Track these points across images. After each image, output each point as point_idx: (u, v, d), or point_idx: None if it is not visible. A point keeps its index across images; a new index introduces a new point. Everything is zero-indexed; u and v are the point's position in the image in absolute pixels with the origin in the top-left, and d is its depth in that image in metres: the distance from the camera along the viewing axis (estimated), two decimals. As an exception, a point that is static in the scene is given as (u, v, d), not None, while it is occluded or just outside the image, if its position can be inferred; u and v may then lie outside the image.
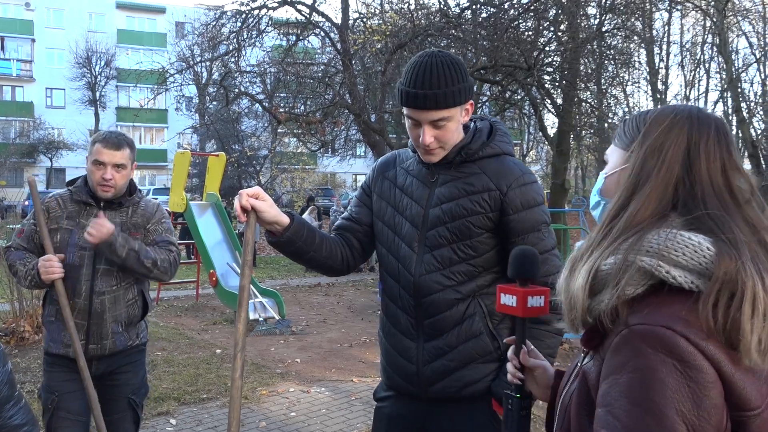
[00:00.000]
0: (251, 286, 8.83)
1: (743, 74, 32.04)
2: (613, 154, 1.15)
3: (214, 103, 18.59)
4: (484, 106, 15.58)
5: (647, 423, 0.89)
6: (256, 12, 12.57)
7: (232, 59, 13.04)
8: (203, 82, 19.49)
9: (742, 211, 0.99)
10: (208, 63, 15.36)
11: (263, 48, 13.91)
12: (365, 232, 2.00)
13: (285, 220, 1.78)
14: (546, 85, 14.25)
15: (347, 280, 12.83)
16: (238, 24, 12.59)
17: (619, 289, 0.95)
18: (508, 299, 1.34)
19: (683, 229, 0.96)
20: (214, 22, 12.96)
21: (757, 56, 34.04)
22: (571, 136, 16.14)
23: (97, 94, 38.37)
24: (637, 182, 1.03)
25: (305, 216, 16.04)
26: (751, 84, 35.17)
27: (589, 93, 16.17)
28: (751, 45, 33.44)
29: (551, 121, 20.94)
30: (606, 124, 18.22)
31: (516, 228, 1.78)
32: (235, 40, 12.59)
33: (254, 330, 8.06)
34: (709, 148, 1.01)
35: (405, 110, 1.78)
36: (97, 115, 38.00)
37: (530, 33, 12.70)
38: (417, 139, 1.78)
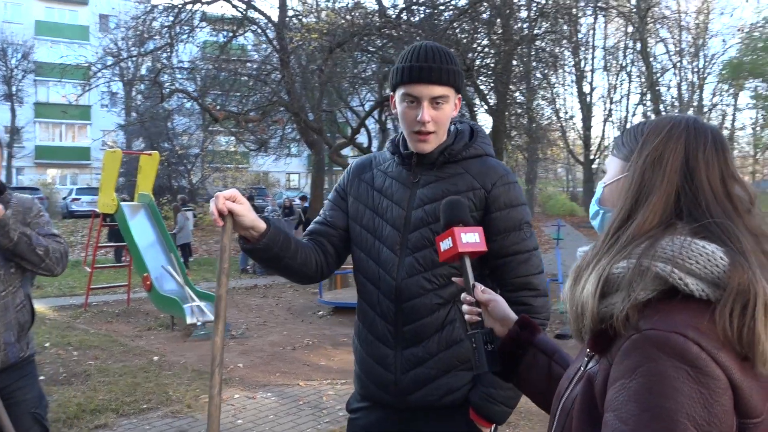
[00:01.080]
0: (187, 287, 8.58)
1: (661, 78, 33.79)
2: (612, 165, 1.15)
3: (140, 98, 17.91)
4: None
5: (657, 428, 0.88)
6: (189, 7, 12.22)
7: (164, 55, 12.60)
8: (131, 77, 18.78)
9: (745, 220, 1.01)
10: (137, 58, 14.77)
11: (197, 44, 13.52)
12: (340, 236, 1.93)
13: (262, 225, 1.70)
14: (481, 86, 14.52)
15: (285, 281, 12.64)
16: (171, 18, 12.18)
17: (634, 293, 0.95)
18: (445, 244, 1.39)
19: (694, 237, 0.97)
20: (144, 16, 12.49)
21: (674, 62, 35.96)
22: (505, 135, 16.51)
23: (14, 88, 36.24)
24: (639, 192, 1.03)
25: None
26: (668, 88, 37.18)
27: (518, 94, 16.58)
28: (668, 51, 35.31)
29: (485, 122, 21.36)
30: (534, 125, 18.83)
31: (498, 226, 1.76)
32: (167, 35, 12.17)
33: (193, 335, 7.82)
34: (707, 157, 1.03)
35: (402, 90, 1.74)
36: (13, 110, 35.86)
37: (466, 35, 12.89)
38: (413, 120, 1.73)
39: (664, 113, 30.02)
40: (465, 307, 1.38)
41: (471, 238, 1.38)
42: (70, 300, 10.74)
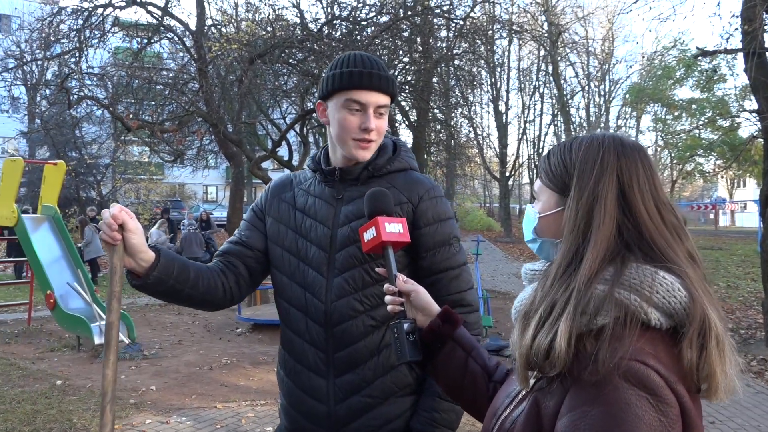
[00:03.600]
0: (95, 306, 8.09)
1: (571, 100, 35.53)
2: (544, 194, 1.15)
3: (45, 105, 16.90)
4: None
5: None
6: (100, 11, 11.68)
7: (72, 59, 11.96)
8: (34, 81, 17.69)
9: (684, 246, 1.03)
10: (42, 62, 13.95)
11: (108, 49, 12.93)
12: (257, 258, 1.81)
13: (150, 254, 1.55)
14: (402, 102, 14.71)
15: (202, 297, 12.21)
16: (80, 22, 11.59)
17: (594, 320, 0.95)
18: (368, 234, 1.40)
19: (648, 265, 0.98)
20: (51, 18, 11.83)
21: (582, 85, 37.92)
22: (425, 151, 16.79)
23: None
24: (583, 231, 1.03)
25: (154, 230, 15.08)
26: (578, 109, 39.19)
27: (438, 111, 16.93)
28: (577, 74, 37.22)
29: (406, 137, 21.64)
30: (453, 141, 19.28)
31: (427, 242, 1.70)
32: (75, 39, 11.57)
33: (100, 356, 7.36)
34: (641, 187, 1.04)
35: (344, 96, 1.65)
36: None
37: (387, 52, 13.03)
38: (356, 127, 1.66)
39: (573, 134, 31.57)
40: (388, 298, 1.38)
41: (395, 228, 1.39)
42: (-38, 320, 9.90)
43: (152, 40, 12.49)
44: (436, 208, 1.73)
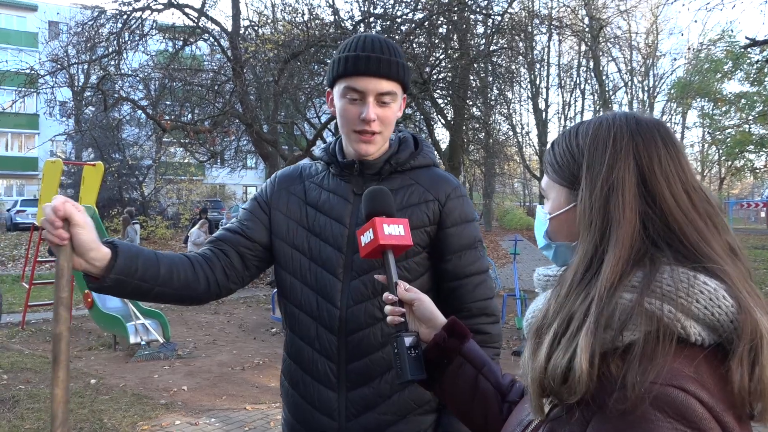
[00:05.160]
0: (131, 305, 8.17)
1: (613, 97, 34.73)
2: (553, 191, 0.98)
3: (91, 108, 17.34)
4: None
5: None
6: (138, 14, 11.86)
7: (112, 62, 12.18)
8: (79, 85, 18.15)
9: (722, 238, 0.85)
10: (84, 65, 14.27)
11: (147, 52, 13.14)
12: (255, 251, 1.64)
13: (104, 251, 1.34)
14: (438, 100, 14.55)
15: (238, 296, 12.28)
16: (119, 25, 11.79)
17: (620, 336, 0.78)
18: (365, 237, 1.24)
19: (684, 268, 0.81)
20: (92, 22, 12.07)
21: (625, 80, 37.03)
22: (462, 150, 16.59)
23: (-45, 95, 34.81)
24: (600, 229, 0.87)
25: (194, 230, 15.24)
26: (620, 106, 38.29)
27: (475, 109, 16.68)
28: (619, 70, 36.37)
29: (442, 136, 21.45)
30: (491, 140, 18.98)
31: (453, 243, 1.56)
32: (115, 42, 11.78)
33: (136, 355, 7.43)
34: (665, 169, 0.87)
35: (343, 83, 1.51)
36: (-45, 118, 34.46)
37: (423, 49, 12.89)
38: (355, 118, 1.51)
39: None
40: (387, 308, 1.21)
41: (394, 230, 1.24)
42: (7, 318, 10.15)
43: (188, 42, 12.62)
44: (463, 207, 1.60)
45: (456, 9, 11.92)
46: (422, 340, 1.20)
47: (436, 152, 1.71)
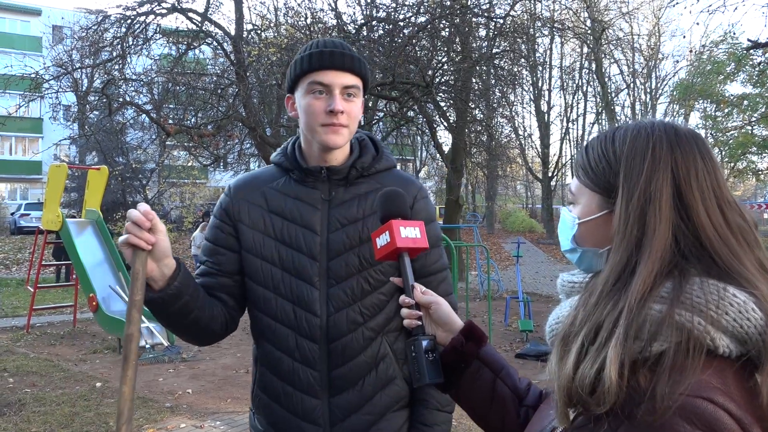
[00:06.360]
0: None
1: (616, 98, 34.70)
2: (583, 195, 0.98)
3: (96, 112, 17.40)
4: (380, 123, 15.67)
5: None
6: (142, 18, 11.90)
7: (116, 66, 12.22)
8: (83, 89, 18.22)
9: (754, 254, 0.86)
10: (88, 69, 14.32)
11: (151, 56, 13.18)
12: (237, 282, 1.61)
13: (173, 261, 1.39)
14: (441, 103, 14.55)
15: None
16: (123, 30, 11.84)
17: (646, 345, 0.79)
18: (381, 240, 1.26)
19: (714, 280, 0.82)
20: (96, 27, 12.11)
21: (627, 82, 37.00)
22: (465, 152, 16.60)
23: (-41, 99, 34.94)
24: (639, 239, 0.86)
25: (197, 233, 15.29)
26: (623, 107, 38.24)
27: (478, 111, 16.68)
28: (622, 72, 36.33)
29: (445, 138, 21.46)
30: (494, 142, 18.99)
31: None
32: (119, 46, 11.82)
33: (140, 358, 7.46)
34: (701, 184, 0.87)
35: (308, 80, 1.51)
36: (-42, 122, 34.60)
37: (425, 52, 12.90)
38: (321, 111, 1.50)
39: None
40: (404, 311, 1.22)
41: (411, 232, 1.25)
42: (12, 321, 10.22)
43: (192, 46, 12.66)
44: (428, 208, 1.65)
45: (458, 12, 11.93)
46: (439, 343, 1.21)
47: (391, 152, 1.73)
